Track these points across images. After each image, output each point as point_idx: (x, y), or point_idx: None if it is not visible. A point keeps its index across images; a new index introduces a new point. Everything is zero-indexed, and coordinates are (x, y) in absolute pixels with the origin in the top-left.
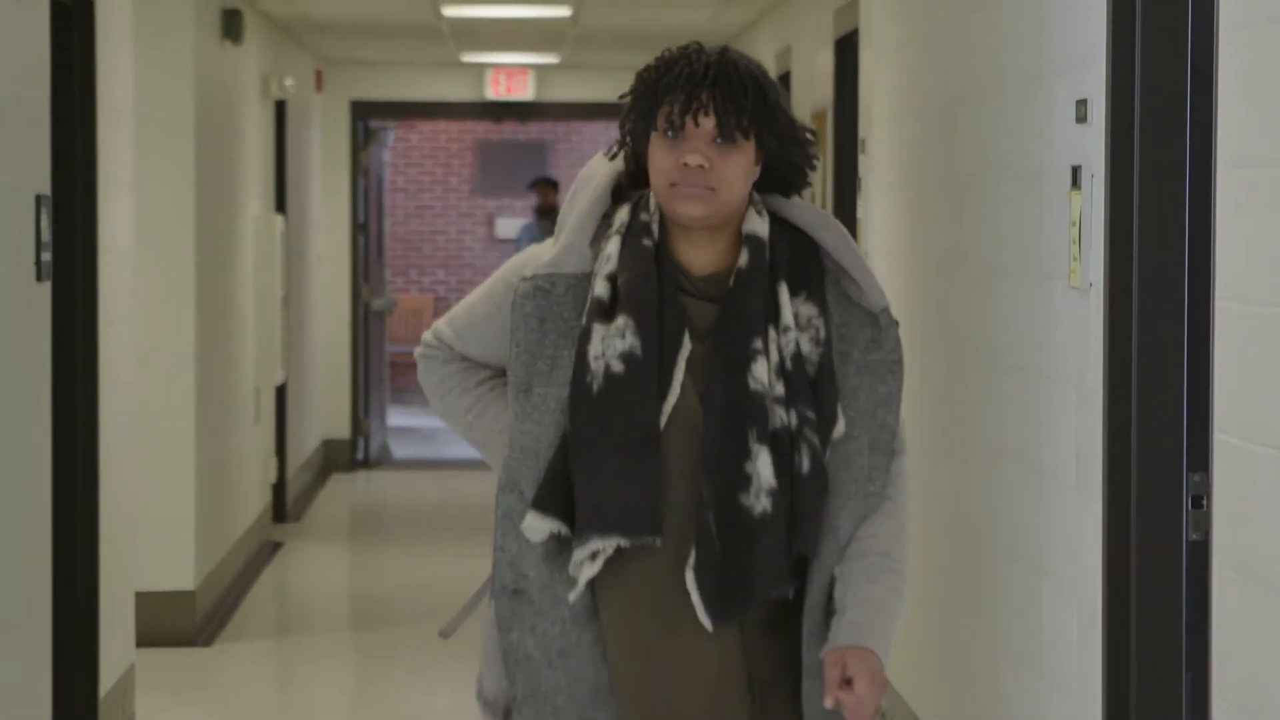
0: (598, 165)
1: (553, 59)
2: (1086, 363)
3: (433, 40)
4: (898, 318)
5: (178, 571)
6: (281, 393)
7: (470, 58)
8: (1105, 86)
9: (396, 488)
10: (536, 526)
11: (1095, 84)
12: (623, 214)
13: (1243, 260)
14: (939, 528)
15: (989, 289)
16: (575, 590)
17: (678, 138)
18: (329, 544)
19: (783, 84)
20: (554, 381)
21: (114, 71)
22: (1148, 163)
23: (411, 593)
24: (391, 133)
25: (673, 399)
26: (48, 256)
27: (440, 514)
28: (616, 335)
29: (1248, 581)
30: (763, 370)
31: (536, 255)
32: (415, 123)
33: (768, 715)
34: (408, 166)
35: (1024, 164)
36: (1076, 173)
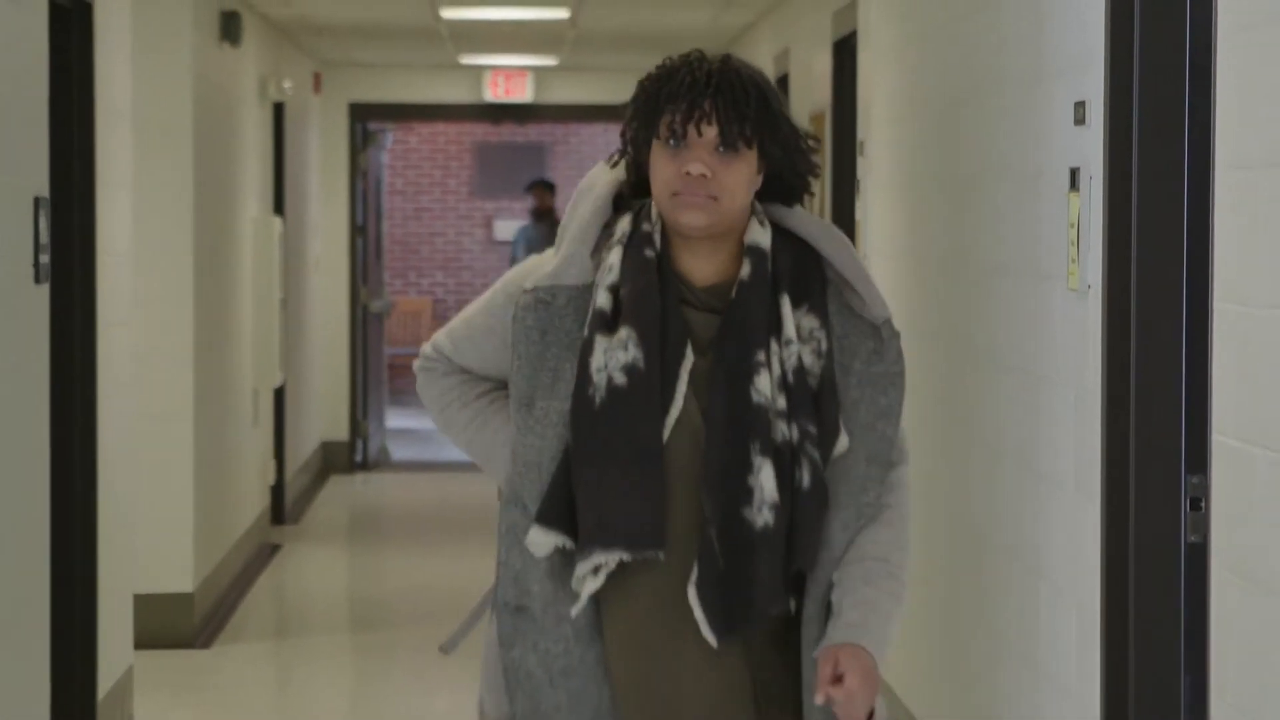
0: (599, 174)
1: (551, 61)
2: (1085, 364)
3: (431, 42)
4: (898, 326)
5: (176, 573)
6: (280, 395)
7: (468, 60)
8: (1104, 89)
9: (395, 490)
10: (541, 541)
11: (1094, 86)
12: (624, 224)
13: (1241, 262)
14: (938, 529)
15: (988, 291)
16: (578, 605)
17: (680, 146)
18: (327, 546)
19: (781, 86)
20: (556, 394)
21: (112, 73)
22: (1146, 165)
23: (410, 595)
24: (390, 135)
25: (675, 412)
26: (46, 258)
27: (439, 516)
28: (619, 347)
29: (1246, 583)
30: (765, 383)
31: (537, 267)
32: (413, 125)
33: None
34: (406, 168)
35: (1022, 166)
36: (1075, 175)
